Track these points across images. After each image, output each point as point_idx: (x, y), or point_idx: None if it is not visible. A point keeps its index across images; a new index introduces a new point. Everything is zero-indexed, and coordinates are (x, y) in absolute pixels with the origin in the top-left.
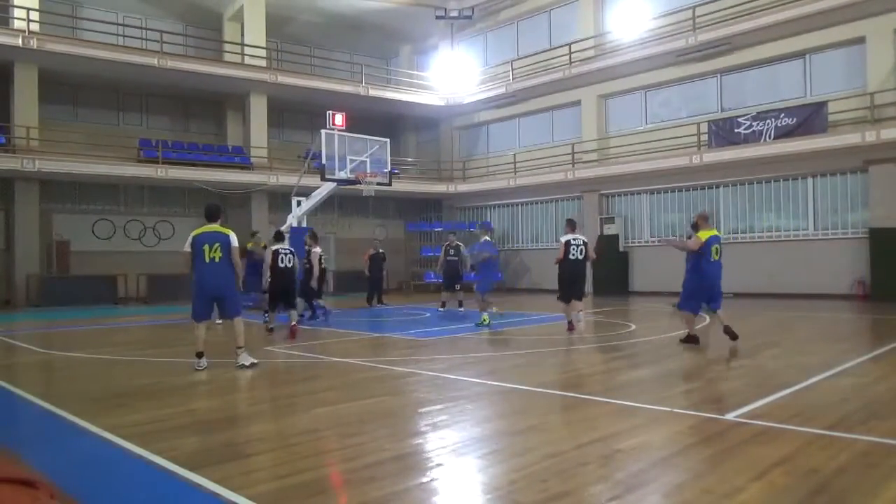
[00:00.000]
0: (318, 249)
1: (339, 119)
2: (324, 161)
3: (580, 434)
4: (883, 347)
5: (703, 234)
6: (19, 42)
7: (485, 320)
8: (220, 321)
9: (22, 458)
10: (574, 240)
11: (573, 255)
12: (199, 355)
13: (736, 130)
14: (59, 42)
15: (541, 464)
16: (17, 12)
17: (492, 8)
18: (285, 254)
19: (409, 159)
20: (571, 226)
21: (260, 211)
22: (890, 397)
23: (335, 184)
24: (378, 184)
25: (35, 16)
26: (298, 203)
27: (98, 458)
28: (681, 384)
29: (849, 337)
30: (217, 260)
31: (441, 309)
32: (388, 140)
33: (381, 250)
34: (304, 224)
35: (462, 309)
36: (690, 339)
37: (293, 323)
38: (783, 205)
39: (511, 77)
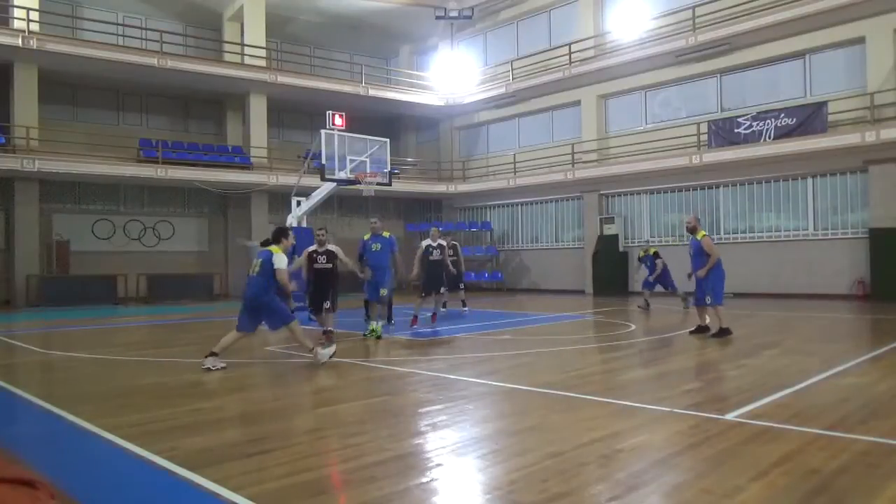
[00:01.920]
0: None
1: (339, 119)
2: (323, 161)
3: (580, 434)
4: (883, 347)
5: (704, 233)
6: (19, 42)
7: (374, 330)
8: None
9: (22, 459)
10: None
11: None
12: (212, 354)
13: (736, 130)
14: (58, 42)
15: (541, 464)
16: (17, 12)
17: (491, 8)
18: (321, 254)
19: (409, 159)
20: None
21: (260, 211)
22: (890, 397)
23: (335, 184)
24: (378, 184)
25: (35, 16)
26: (298, 203)
27: (98, 459)
28: (681, 384)
29: (849, 337)
30: (254, 274)
31: (463, 309)
32: (387, 140)
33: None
34: (303, 224)
35: (466, 309)
36: (725, 331)
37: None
38: (783, 205)
39: (511, 77)
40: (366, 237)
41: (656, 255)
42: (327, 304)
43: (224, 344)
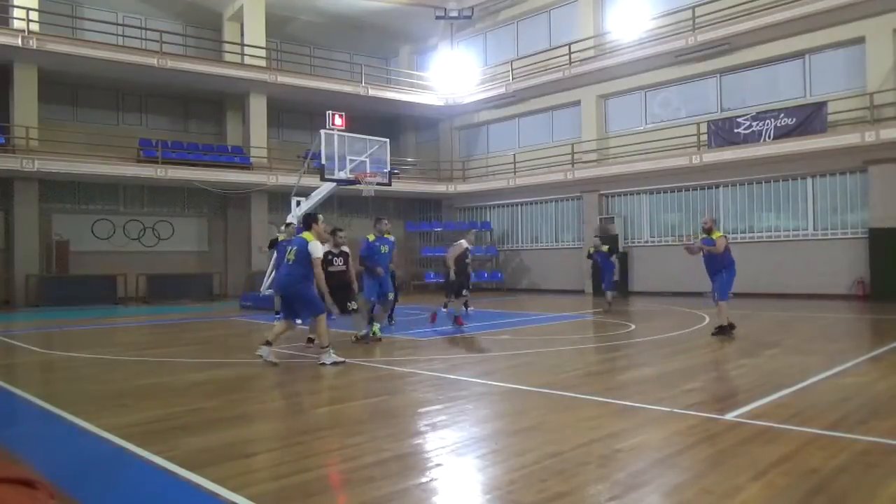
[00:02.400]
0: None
1: (339, 119)
2: (323, 161)
3: (580, 434)
4: (883, 347)
5: (719, 234)
6: (19, 42)
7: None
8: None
9: (21, 458)
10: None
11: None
12: (266, 343)
13: (735, 130)
14: (58, 42)
15: (540, 463)
16: (17, 12)
17: (491, 8)
18: (336, 255)
19: (409, 159)
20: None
21: (259, 211)
22: (889, 397)
23: (335, 184)
24: (378, 184)
25: (35, 16)
26: (298, 203)
27: (97, 459)
28: (680, 384)
29: (848, 337)
30: (290, 262)
31: (467, 310)
32: (387, 140)
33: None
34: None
35: (472, 309)
36: (730, 327)
37: (361, 332)
38: (783, 205)
39: (511, 77)
40: (370, 238)
41: (610, 251)
42: (354, 305)
43: (276, 332)
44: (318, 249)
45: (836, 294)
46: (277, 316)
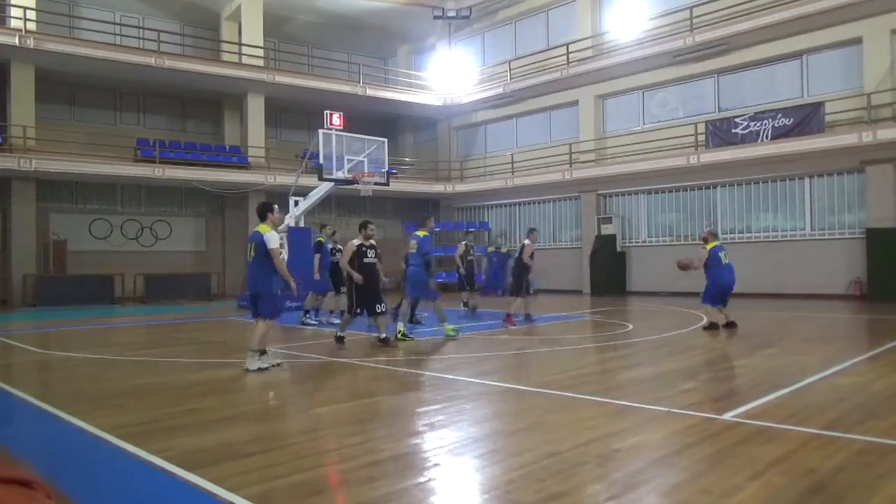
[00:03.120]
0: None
1: (337, 119)
2: (321, 161)
3: (578, 434)
4: (880, 347)
5: (709, 245)
6: (16, 41)
7: (450, 330)
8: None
9: (19, 458)
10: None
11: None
12: (260, 352)
13: (733, 131)
14: (56, 41)
15: (538, 463)
16: (14, 11)
17: (489, 8)
18: (368, 248)
19: (407, 159)
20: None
21: None
22: (887, 397)
23: (333, 184)
24: (376, 184)
25: (32, 15)
26: (296, 203)
27: (95, 458)
28: (678, 384)
29: (846, 337)
30: (250, 259)
31: (465, 309)
32: (385, 140)
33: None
34: (300, 224)
35: (468, 309)
36: (712, 326)
37: (383, 335)
38: (780, 205)
39: (509, 77)
40: (424, 234)
41: (508, 253)
42: (381, 308)
43: (259, 336)
44: (272, 239)
45: (834, 294)
46: (329, 314)
